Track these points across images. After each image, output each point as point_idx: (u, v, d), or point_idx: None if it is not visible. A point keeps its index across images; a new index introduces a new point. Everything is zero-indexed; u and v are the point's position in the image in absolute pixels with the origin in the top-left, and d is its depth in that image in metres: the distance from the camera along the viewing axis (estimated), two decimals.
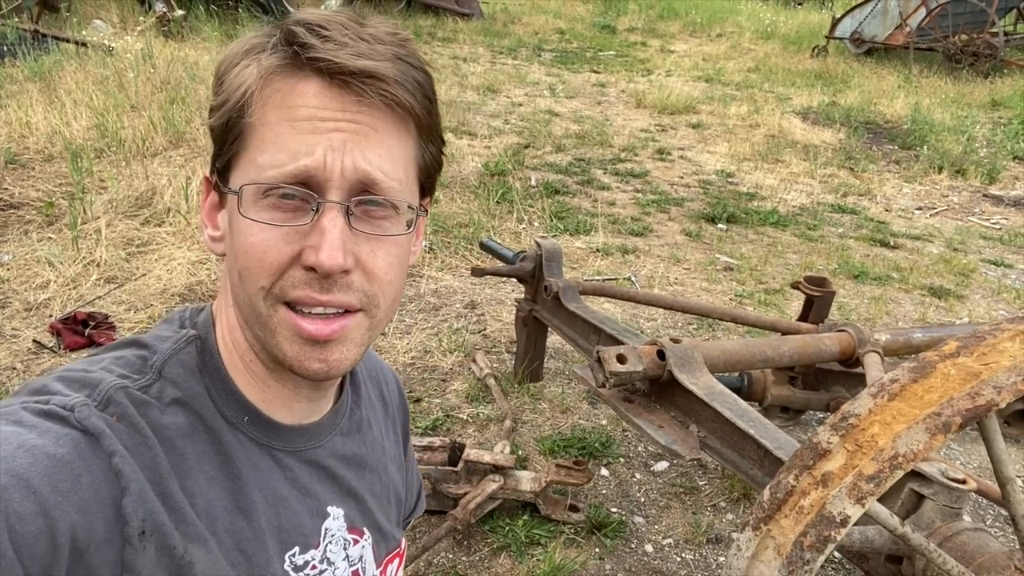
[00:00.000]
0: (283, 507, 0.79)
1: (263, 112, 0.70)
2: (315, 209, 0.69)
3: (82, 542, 0.61)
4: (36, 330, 3.09)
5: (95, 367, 0.72)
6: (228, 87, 0.72)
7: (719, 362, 2.19)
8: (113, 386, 0.69)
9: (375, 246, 0.72)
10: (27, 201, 4.23)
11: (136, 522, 0.64)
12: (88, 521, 0.61)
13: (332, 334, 0.72)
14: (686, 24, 14.41)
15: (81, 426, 0.64)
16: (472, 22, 12.24)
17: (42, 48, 6.79)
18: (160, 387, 0.73)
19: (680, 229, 4.98)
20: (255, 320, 0.73)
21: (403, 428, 1.10)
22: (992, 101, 9.33)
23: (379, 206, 0.72)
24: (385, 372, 1.08)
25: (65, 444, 0.63)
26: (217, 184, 0.76)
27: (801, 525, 1.11)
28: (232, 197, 0.72)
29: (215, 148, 0.75)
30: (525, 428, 2.74)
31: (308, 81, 0.69)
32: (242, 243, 0.71)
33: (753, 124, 7.79)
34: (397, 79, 0.70)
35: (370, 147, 0.70)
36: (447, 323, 3.46)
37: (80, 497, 0.61)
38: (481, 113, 7.30)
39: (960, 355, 1.15)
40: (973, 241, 5.32)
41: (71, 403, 0.66)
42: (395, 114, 0.71)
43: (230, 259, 0.75)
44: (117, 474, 0.64)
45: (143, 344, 0.77)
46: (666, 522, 2.36)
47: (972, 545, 1.40)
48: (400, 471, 1.05)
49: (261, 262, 0.70)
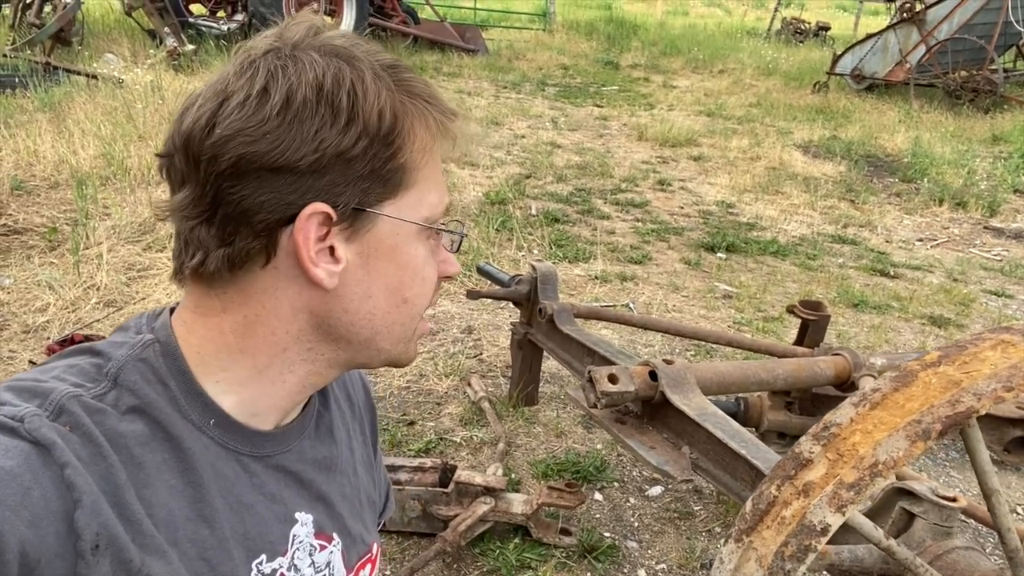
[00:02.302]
0: (248, 514, 0.78)
1: (427, 156, 0.79)
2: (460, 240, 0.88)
3: (32, 558, 0.59)
4: (33, 352, 3.10)
5: (47, 376, 0.70)
6: (390, 126, 0.75)
7: (712, 384, 2.18)
8: (66, 395, 0.67)
9: None
10: (31, 227, 4.27)
11: (89, 536, 0.62)
12: (39, 536, 0.60)
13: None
14: (688, 60, 14.61)
15: (31, 437, 0.62)
16: (477, 58, 12.43)
17: (53, 80, 6.92)
18: (116, 395, 0.71)
19: (679, 258, 4.99)
20: (398, 337, 0.83)
21: (371, 428, 1.08)
22: (993, 136, 9.38)
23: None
24: (351, 373, 1.06)
25: (14, 456, 0.61)
26: (357, 214, 0.74)
27: (782, 535, 1.09)
28: (395, 230, 0.78)
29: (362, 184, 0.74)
30: (519, 451, 2.72)
31: (445, 138, 0.81)
32: (420, 273, 0.81)
33: (754, 157, 7.84)
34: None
35: None
36: (443, 347, 3.45)
37: (30, 511, 0.59)
38: (484, 145, 7.38)
39: (941, 364, 1.14)
40: (974, 272, 5.31)
41: (20, 413, 0.64)
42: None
43: (375, 289, 0.79)
44: (69, 486, 0.62)
45: (97, 352, 0.75)
46: (660, 547, 2.33)
47: (963, 563, 1.38)
48: (369, 472, 1.04)
49: (432, 286, 0.83)
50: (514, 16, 18.20)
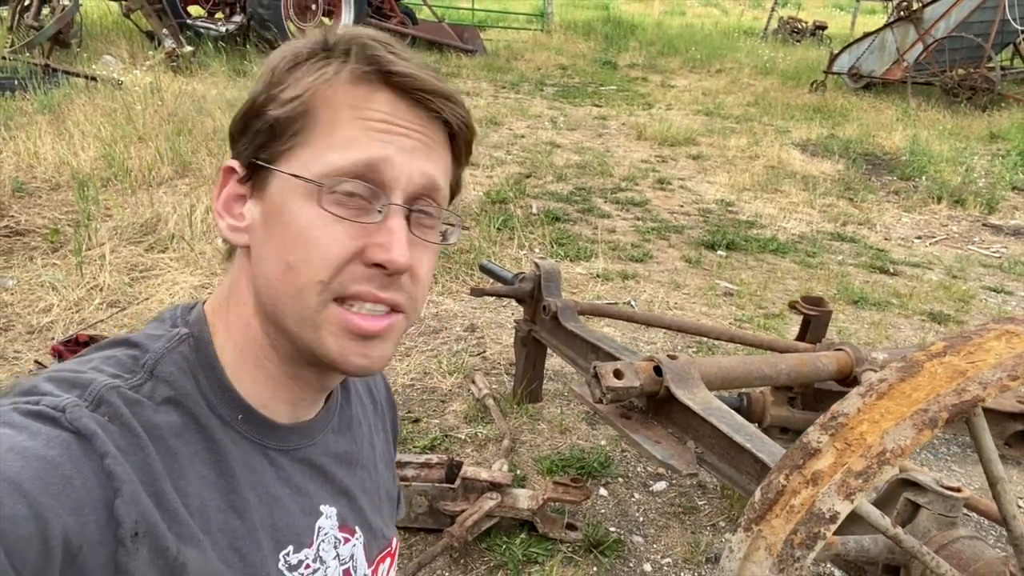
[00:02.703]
0: (276, 506, 0.79)
1: (336, 111, 0.72)
2: (380, 210, 0.72)
3: (75, 545, 0.60)
4: (38, 352, 3.11)
5: (85, 367, 0.72)
6: (294, 81, 0.74)
7: (716, 379, 2.20)
8: (105, 386, 0.68)
9: (421, 251, 0.76)
10: (33, 228, 4.28)
11: (129, 524, 0.64)
12: (81, 523, 0.61)
13: (381, 330, 0.74)
14: (686, 60, 14.63)
15: (72, 427, 0.64)
16: (475, 58, 12.44)
17: (52, 82, 6.92)
18: (152, 386, 0.72)
19: (680, 256, 5.01)
20: (296, 314, 0.73)
21: (392, 425, 1.10)
22: (990, 134, 9.41)
23: (429, 215, 0.77)
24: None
25: (56, 446, 0.62)
26: (256, 171, 0.76)
27: (791, 524, 1.11)
28: (288, 186, 0.73)
29: (259, 138, 0.75)
30: (524, 448, 2.74)
31: (382, 92, 0.73)
32: (303, 235, 0.71)
33: (752, 155, 7.86)
34: (461, 102, 0.77)
35: (431, 159, 0.76)
36: (447, 345, 3.47)
37: (72, 499, 0.61)
38: (484, 144, 7.39)
39: (947, 354, 1.16)
40: (973, 269, 5.33)
41: (62, 404, 0.65)
42: (449, 134, 0.78)
43: (268, 251, 0.74)
44: (109, 475, 0.64)
45: (134, 343, 0.76)
46: (665, 541, 2.34)
47: (968, 552, 1.39)
48: (389, 469, 1.05)
49: (325, 255, 0.71)
50: (512, 16, 18.21)
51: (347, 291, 0.72)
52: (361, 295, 0.72)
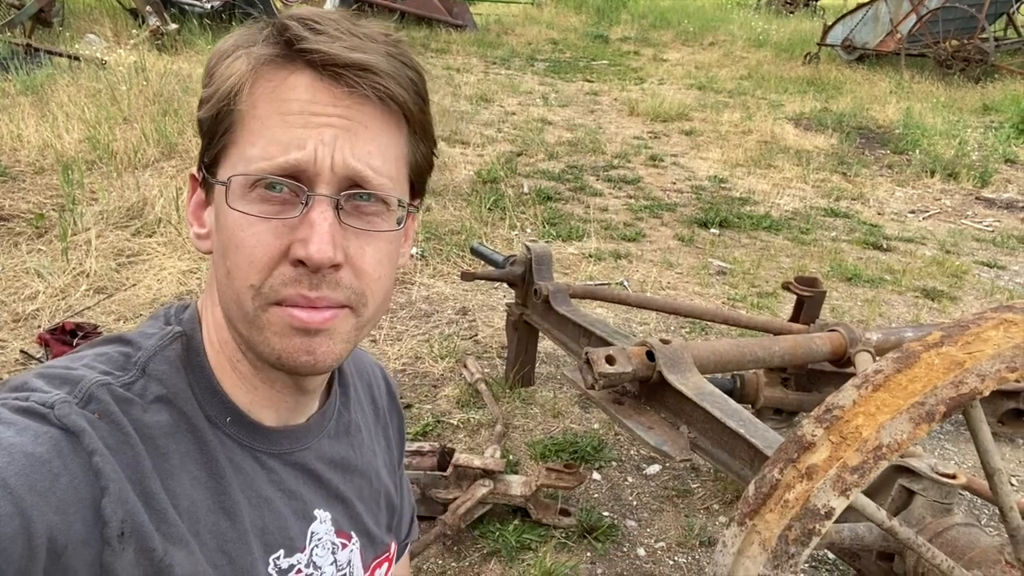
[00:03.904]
0: (267, 509, 0.78)
1: (253, 104, 0.69)
2: (304, 203, 0.68)
3: (60, 543, 0.59)
4: (24, 341, 3.07)
5: (77, 364, 0.71)
6: (218, 78, 0.71)
7: (709, 363, 2.18)
8: (95, 383, 0.67)
9: (364, 242, 0.71)
10: (17, 213, 4.21)
11: (115, 523, 0.63)
12: (66, 522, 0.60)
13: (323, 322, 0.70)
14: (678, 33, 14.48)
15: (60, 424, 0.63)
16: (465, 33, 12.28)
17: (35, 62, 6.80)
18: (143, 384, 0.71)
19: (673, 234, 4.98)
20: (241, 318, 0.71)
21: (397, 432, 1.07)
22: (983, 106, 9.36)
23: (368, 202, 0.71)
24: (375, 374, 1.05)
25: (43, 442, 0.61)
26: (204, 179, 0.75)
27: (786, 519, 1.09)
28: (220, 191, 0.71)
29: (203, 142, 0.74)
30: (516, 433, 2.72)
31: (300, 74, 0.69)
32: (231, 238, 0.69)
33: (746, 130, 7.81)
34: (390, 73, 0.70)
35: (361, 143, 0.69)
36: (438, 329, 3.44)
37: (58, 497, 0.60)
38: (474, 122, 7.31)
39: (944, 344, 1.13)
40: (966, 243, 5.32)
41: (51, 400, 0.64)
42: (387, 109, 0.71)
43: (217, 256, 0.73)
44: (97, 473, 0.63)
45: (127, 341, 0.76)
46: (659, 525, 2.34)
47: (963, 540, 1.38)
48: (393, 476, 1.02)
49: (251, 259, 0.68)
50: None
51: (278, 296, 0.69)
52: (291, 299, 0.69)
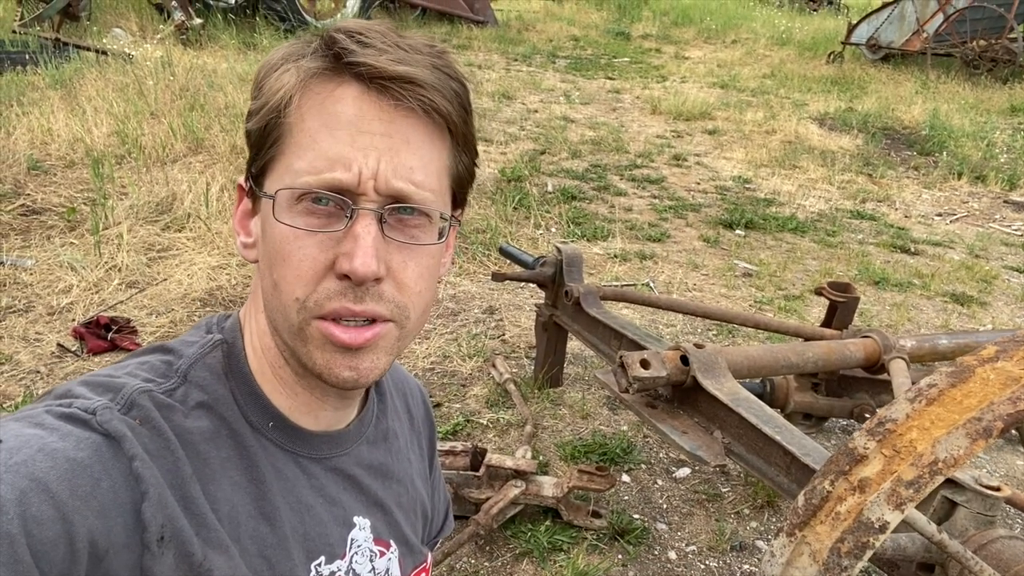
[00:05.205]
0: (309, 515, 0.78)
1: (301, 117, 0.70)
2: (349, 216, 0.69)
3: (101, 547, 0.60)
4: (59, 334, 3.12)
5: (120, 372, 0.72)
6: (267, 91, 0.72)
7: (743, 368, 2.18)
8: (137, 390, 0.69)
9: (407, 256, 0.72)
10: (49, 207, 4.27)
11: (155, 528, 0.64)
12: (107, 526, 0.61)
13: (365, 342, 0.71)
14: (700, 31, 14.39)
15: (102, 429, 0.64)
16: (486, 29, 12.27)
17: (63, 56, 6.87)
18: (185, 391, 0.72)
19: (698, 235, 4.96)
20: (286, 328, 0.72)
21: (429, 442, 1.08)
22: (1012, 107, 9.24)
23: (411, 215, 0.72)
24: (411, 385, 1.06)
25: (85, 448, 0.62)
26: (252, 189, 0.76)
27: (838, 531, 1.09)
28: (267, 202, 0.72)
29: (251, 153, 0.75)
30: (545, 433, 2.73)
31: (347, 86, 0.69)
32: (278, 251, 0.70)
33: (769, 130, 7.76)
34: (435, 85, 0.70)
35: (404, 158, 0.70)
36: (466, 328, 3.45)
37: (99, 502, 0.61)
38: (496, 120, 7.31)
39: (999, 359, 1.13)
40: (994, 247, 5.26)
41: (93, 406, 0.65)
42: (431, 121, 0.72)
43: (263, 266, 0.74)
44: (137, 479, 0.64)
45: (169, 349, 0.77)
46: (689, 529, 2.34)
47: (1008, 553, 1.38)
48: (426, 486, 1.03)
49: (297, 272, 0.69)
50: None
51: (323, 310, 0.70)
52: (337, 312, 0.70)
